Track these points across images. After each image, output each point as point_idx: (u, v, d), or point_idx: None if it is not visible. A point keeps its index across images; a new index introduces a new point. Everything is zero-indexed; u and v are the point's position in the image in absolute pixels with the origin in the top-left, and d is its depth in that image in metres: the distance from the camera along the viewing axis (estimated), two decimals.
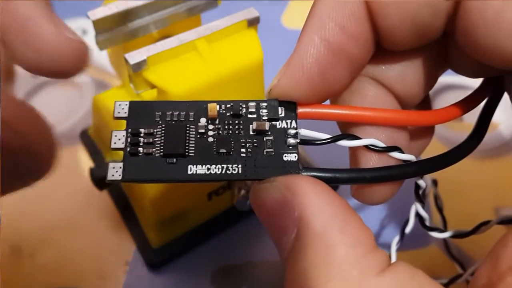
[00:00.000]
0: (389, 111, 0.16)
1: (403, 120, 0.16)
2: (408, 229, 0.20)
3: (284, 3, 0.42)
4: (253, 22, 0.23)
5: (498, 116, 0.34)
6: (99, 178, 0.26)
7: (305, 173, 0.15)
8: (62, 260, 0.28)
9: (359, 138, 0.15)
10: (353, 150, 0.17)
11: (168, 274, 0.27)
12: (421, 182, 0.17)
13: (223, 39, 0.22)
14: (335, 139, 0.15)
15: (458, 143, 0.35)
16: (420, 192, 0.18)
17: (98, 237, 0.29)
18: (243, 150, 0.15)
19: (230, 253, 0.28)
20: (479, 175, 0.23)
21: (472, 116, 0.20)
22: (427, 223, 0.19)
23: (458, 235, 0.19)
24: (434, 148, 0.33)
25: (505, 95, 0.18)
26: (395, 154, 0.16)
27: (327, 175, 0.15)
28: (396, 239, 0.21)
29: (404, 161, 0.16)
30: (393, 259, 0.21)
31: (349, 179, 0.16)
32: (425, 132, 0.19)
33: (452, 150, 0.17)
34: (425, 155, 0.34)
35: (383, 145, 0.16)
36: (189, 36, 0.21)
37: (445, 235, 0.19)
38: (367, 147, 0.16)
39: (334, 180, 0.15)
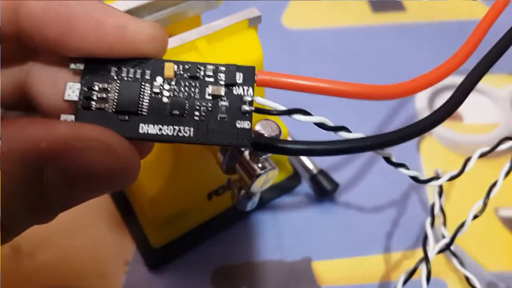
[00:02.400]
0: (348, 85, 0.16)
1: (362, 93, 0.16)
2: (436, 209, 0.24)
3: (284, 3, 0.42)
4: (254, 22, 0.23)
5: (498, 116, 0.34)
6: None
7: (257, 141, 0.15)
8: (62, 260, 0.28)
9: (311, 115, 0.16)
10: None
11: (168, 274, 0.27)
12: (386, 152, 0.18)
13: (223, 39, 0.22)
14: (289, 111, 0.15)
15: (458, 143, 0.35)
16: (392, 160, 0.18)
17: (98, 237, 0.29)
18: (196, 113, 0.14)
19: (230, 253, 0.28)
20: (479, 175, 0.23)
21: (473, 116, 0.20)
22: (421, 178, 0.19)
23: (451, 178, 0.21)
24: (434, 148, 0.33)
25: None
26: (343, 134, 0.16)
27: (277, 145, 0.15)
28: (429, 220, 0.24)
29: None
30: (430, 239, 0.24)
31: (299, 151, 0.16)
32: None
33: (411, 125, 0.17)
34: (428, 159, 0.34)
35: (332, 124, 0.16)
36: (190, 36, 0.21)
37: (441, 180, 0.20)
38: (317, 124, 0.16)
39: (284, 151, 0.15)
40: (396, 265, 0.28)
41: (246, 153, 0.22)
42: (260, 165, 0.22)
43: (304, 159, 0.31)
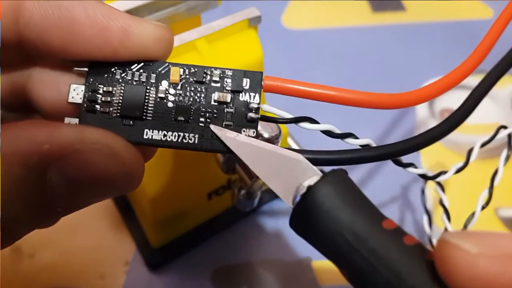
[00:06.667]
0: (356, 93, 0.16)
1: (370, 102, 0.16)
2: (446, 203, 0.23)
3: (284, 3, 0.42)
4: (254, 22, 0.23)
5: (498, 116, 0.34)
6: None
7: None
8: (62, 260, 0.28)
9: (318, 123, 0.15)
10: None
11: (168, 274, 0.27)
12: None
13: (223, 39, 0.22)
14: (296, 120, 0.15)
15: (458, 143, 0.35)
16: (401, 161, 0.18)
17: (98, 237, 0.29)
18: (202, 119, 0.14)
19: (230, 253, 0.28)
20: (479, 175, 0.23)
21: (473, 116, 0.20)
22: (429, 175, 0.20)
23: (458, 170, 0.21)
24: (435, 150, 0.33)
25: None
26: (350, 141, 0.16)
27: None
28: (444, 215, 0.23)
29: (361, 146, 0.16)
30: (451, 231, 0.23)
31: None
32: None
33: (421, 135, 0.17)
34: (428, 158, 0.34)
35: (339, 131, 0.16)
36: (190, 36, 0.21)
37: (449, 174, 0.20)
38: (323, 132, 0.16)
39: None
40: None
41: None
42: None
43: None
